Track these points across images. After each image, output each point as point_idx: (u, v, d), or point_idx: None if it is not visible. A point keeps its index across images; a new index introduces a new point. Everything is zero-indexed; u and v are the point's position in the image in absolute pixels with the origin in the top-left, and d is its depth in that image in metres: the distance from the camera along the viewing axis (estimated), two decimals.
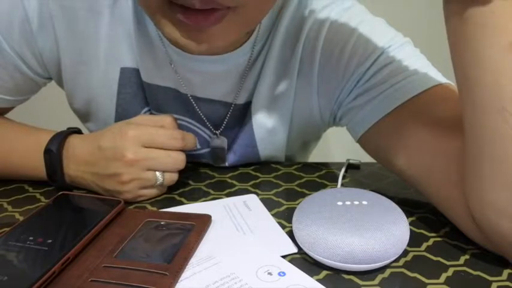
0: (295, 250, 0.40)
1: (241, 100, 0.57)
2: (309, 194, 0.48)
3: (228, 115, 0.57)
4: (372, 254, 0.36)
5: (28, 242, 0.38)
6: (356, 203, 0.40)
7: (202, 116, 0.58)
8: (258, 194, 0.51)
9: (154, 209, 0.48)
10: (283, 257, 0.39)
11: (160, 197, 0.51)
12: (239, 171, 0.59)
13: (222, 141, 0.59)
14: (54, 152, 0.49)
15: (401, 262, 0.39)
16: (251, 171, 0.59)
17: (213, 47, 0.42)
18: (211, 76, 0.54)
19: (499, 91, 0.34)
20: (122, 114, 0.57)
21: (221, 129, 0.59)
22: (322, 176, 0.58)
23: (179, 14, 0.39)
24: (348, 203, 0.40)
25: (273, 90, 0.55)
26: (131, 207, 0.49)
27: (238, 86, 0.55)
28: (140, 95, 0.57)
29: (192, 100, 0.56)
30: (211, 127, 0.59)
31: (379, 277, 0.37)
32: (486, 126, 0.36)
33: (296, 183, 0.55)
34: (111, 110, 0.57)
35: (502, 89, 0.34)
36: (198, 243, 0.40)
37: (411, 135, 0.46)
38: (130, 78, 0.55)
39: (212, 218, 0.44)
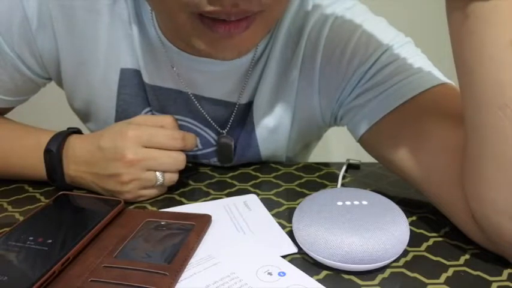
0: (295, 250, 0.40)
1: (244, 100, 0.57)
2: (309, 194, 0.48)
3: (233, 115, 0.57)
4: (372, 254, 0.36)
5: (28, 242, 0.38)
6: (356, 203, 0.40)
7: (207, 116, 0.58)
8: (258, 194, 0.51)
9: (154, 209, 0.48)
10: (283, 257, 0.39)
11: (160, 197, 0.51)
12: (239, 171, 0.59)
13: (229, 141, 0.59)
14: (54, 152, 0.49)
15: (401, 262, 0.39)
16: (251, 171, 0.59)
17: (241, 52, 0.44)
18: (213, 76, 0.54)
19: (500, 87, 0.34)
20: (122, 114, 0.57)
21: (227, 129, 0.59)
22: (322, 176, 0.58)
23: (211, 27, 0.40)
24: (348, 203, 0.40)
25: (274, 90, 0.55)
26: (131, 207, 0.49)
27: (241, 86, 0.55)
28: (141, 96, 0.57)
29: (194, 100, 0.56)
30: (217, 127, 0.59)
31: (379, 277, 0.37)
32: (487, 123, 0.36)
33: (296, 183, 0.55)
34: (111, 110, 0.57)
35: (504, 86, 0.34)
36: (198, 243, 0.40)
37: (411, 134, 0.46)
38: (131, 79, 0.55)
39: (212, 218, 0.44)
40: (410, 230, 0.40)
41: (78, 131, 0.53)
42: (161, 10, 0.43)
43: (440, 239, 0.43)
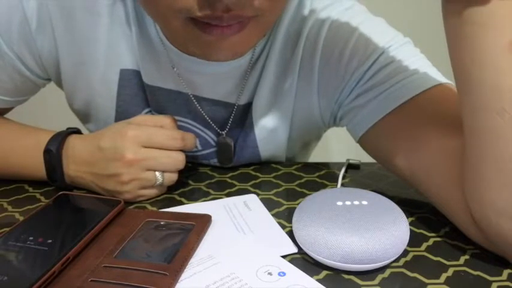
0: (295, 250, 0.40)
1: (243, 101, 0.57)
2: (309, 194, 0.48)
3: (232, 116, 0.57)
4: (372, 254, 0.36)
5: (28, 242, 0.38)
6: (356, 203, 0.40)
7: (206, 117, 0.58)
8: (258, 194, 0.51)
9: (154, 209, 0.48)
10: (283, 257, 0.39)
11: (160, 197, 0.51)
12: (239, 171, 0.59)
13: (228, 141, 0.59)
14: (53, 152, 0.49)
15: (401, 262, 0.39)
16: (251, 171, 0.59)
17: (236, 54, 0.44)
18: (213, 77, 0.54)
19: (498, 91, 0.34)
20: (122, 115, 0.57)
21: (226, 130, 0.59)
22: (322, 176, 0.58)
23: (204, 30, 0.40)
24: (348, 203, 0.40)
25: (273, 91, 0.55)
26: (131, 207, 0.49)
27: (240, 87, 0.55)
28: (140, 96, 0.57)
29: (194, 101, 0.56)
30: (216, 128, 0.59)
31: (379, 277, 0.37)
32: (485, 127, 0.36)
33: (296, 183, 0.55)
34: (111, 111, 0.57)
35: (502, 90, 0.34)
36: (198, 243, 0.40)
37: (411, 135, 0.46)
38: (130, 79, 0.55)
39: (212, 218, 0.44)
40: (410, 230, 0.40)
41: (77, 131, 0.53)
42: (155, 16, 0.44)
43: (440, 239, 0.43)
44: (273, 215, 0.47)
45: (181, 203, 0.50)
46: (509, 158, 0.35)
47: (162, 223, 0.43)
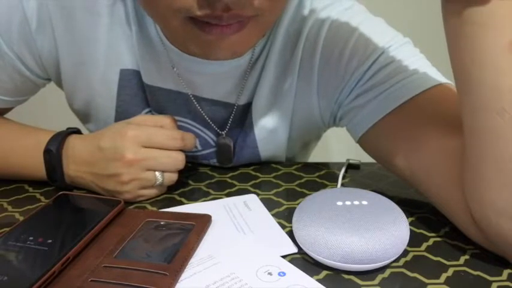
0: (295, 250, 0.40)
1: (242, 101, 0.57)
2: (309, 194, 0.48)
3: (232, 116, 0.57)
4: (372, 254, 0.36)
5: (28, 242, 0.38)
6: (356, 203, 0.40)
7: (206, 117, 0.58)
8: (258, 194, 0.51)
9: (154, 209, 0.48)
10: (283, 257, 0.39)
11: (160, 197, 0.51)
12: (239, 171, 0.59)
13: (228, 141, 0.59)
14: (53, 152, 0.49)
15: (401, 262, 0.39)
16: (251, 171, 0.59)
17: (235, 53, 0.44)
18: (213, 77, 0.54)
19: (498, 91, 0.34)
20: (122, 115, 0.57)
21: (226, 130, 0.59)
22: (322, 176, 0.58)
23: (204, 29, 0.40)
24: (347, 203, 0.40)
25: (273, 91, 0.55)
26: (131, 207, 0.49)
27: (240, 87, 0.55)
28: (140, 96, 0.57)
29: (194, 101, 0.56)
30: (216, 128, 0.59)
31: (379, 277, 0.37)
32: (485, 127, 0.36)
33: (296, 183, 0.55)
34: (111, 111, 0.57)
35: (501, 90, 0.34)
36: (198, 243, 0.40)
37: (411, 135, 0.46)
38: (131, 79, 0.55)
39: (212, 218, 0.44)
40: (410, 230, 0.40)
41: (77, 131, 0.53)
42: (155, 16, 0.44)
43: (440, 239, 0.43)
44: (273, 215, 0.47)
45: (181, 203, 0.50)
46: (509, 158, 0.35)
47: (162, 223, 0.43)
